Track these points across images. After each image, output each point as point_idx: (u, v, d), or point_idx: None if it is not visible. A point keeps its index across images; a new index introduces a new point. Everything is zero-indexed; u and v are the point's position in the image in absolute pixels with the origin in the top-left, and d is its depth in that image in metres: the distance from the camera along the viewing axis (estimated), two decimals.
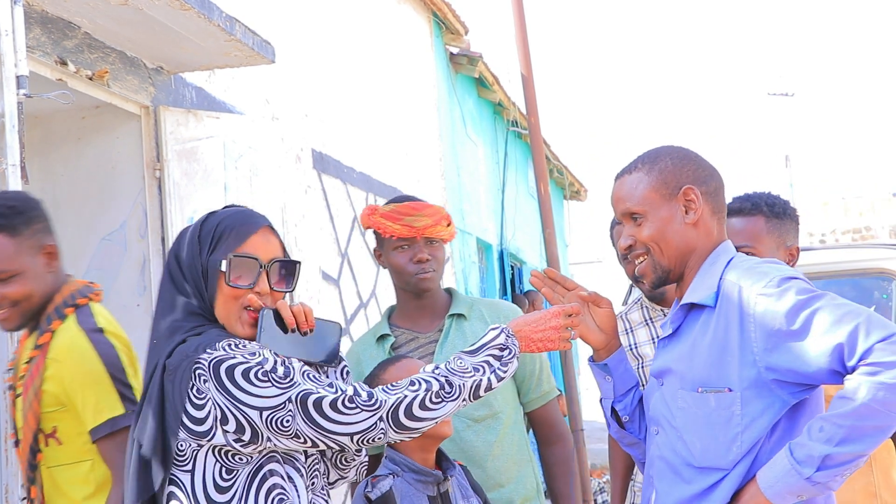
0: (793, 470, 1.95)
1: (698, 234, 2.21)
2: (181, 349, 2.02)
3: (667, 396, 2.21)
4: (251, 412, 1.94)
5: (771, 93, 27.68)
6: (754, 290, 2.07)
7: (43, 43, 3.87)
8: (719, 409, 2.08)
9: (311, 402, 1.94)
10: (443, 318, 2.98)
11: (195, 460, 2.01)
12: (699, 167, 2.25)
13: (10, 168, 3.37)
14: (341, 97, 6.90)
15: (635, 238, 2.24)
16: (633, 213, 2.24)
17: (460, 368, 2.06)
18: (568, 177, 14.79)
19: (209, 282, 2.10)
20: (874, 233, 23.92)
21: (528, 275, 12.44)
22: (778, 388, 2.04)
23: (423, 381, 2.02)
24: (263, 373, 1.95)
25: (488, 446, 2.88)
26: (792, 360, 2.00)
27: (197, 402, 1.97)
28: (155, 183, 4.59)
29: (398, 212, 2.91)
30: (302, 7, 6.36)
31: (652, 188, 2.22)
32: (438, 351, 2.92)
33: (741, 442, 2.06)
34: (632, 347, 3.51)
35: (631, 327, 3.54)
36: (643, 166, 2.25)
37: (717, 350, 2.11)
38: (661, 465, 2.21)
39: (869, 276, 4.94)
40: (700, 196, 2.21)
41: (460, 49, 9.89)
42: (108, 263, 4.63)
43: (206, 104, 4.99)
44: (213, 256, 2.10)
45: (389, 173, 7.80)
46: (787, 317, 2.00)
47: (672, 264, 2.22)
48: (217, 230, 2.13)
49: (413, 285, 2.93)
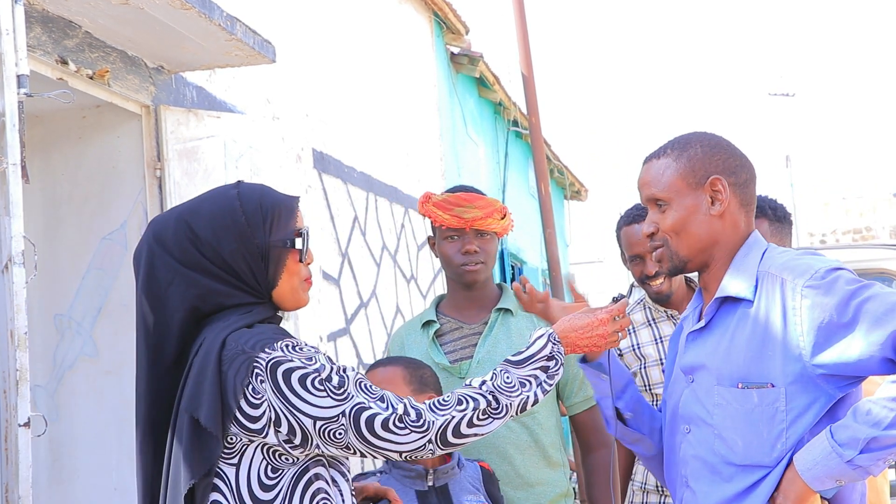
0: (833, 453, 1.91)
1: (724, 226, 2.16)
2: (236, 339, 1.95)
3: (700, 393, 2.15)
4: (305, 420, 1.92)
5: (772, 93, 27.68)
6: (799, 282, 2.02)
7: (43, 42, 3.87)
8: (762, 405, 2.03)
9: (363, 420, 1.92)
10: (490, 311, 2.96)
11: (242, 454, 1.97)
12: (730, 157, 2.19)
13: (10, 167, 3.37)
14: (342, 97, 6.90)
15: (657, 225, 2.19)
16: (658, 199, 2.19)
17: (507, 385, 2.02)
18: (568, 177, 14.79)
19: (273, 263, 2.05)
20: (875, 233, 23.92)
21: (529, 275, 12.46)
22: (824, 383, 2.00)
23: (471, 398, 2.00)
24: (320, 381, 1.93)
25: (520, 444, 2.87)
26: (843, 352, 1.95)
27: (253, 401, 1.93)
28: (155, 182, 4.59)
29: (449, 202, 2.89)
30: (303, 7, 6.36)
31: (679, 175, 2.17)
32: (481, 344, 2.91)
33: (786, 438, 2.02)
34: (634, 348, 3.52)
35: (633, 328, 3.54)
36: (672, 152, 2.20)
37: (757, 344, 2.06)
38: (696, 464, 2.15)
39: (869, 276, 4.95)
40: (728, 187, 2.15)
41: (461, 49, 9.89)
42: (109, 263, 4.63)
43: (206, 104, 4.99)
44: (274, 237, 2.04)
45: (390, 173, 7.80)
46: (837, 308, 1.96)
47: (691, 255, 2.17)
48: (264, 210, 2.06)
49: (460, 276, 2.92)
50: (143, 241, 2.09)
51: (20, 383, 3.32)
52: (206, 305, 2.02)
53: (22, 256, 3.37)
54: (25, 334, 3.37)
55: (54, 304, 4.66)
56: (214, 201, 2.08)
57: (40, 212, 4.65)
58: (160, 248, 2.04)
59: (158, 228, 2.08)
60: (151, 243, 2.06)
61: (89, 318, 4.64)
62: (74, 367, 4.64)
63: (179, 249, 2.03)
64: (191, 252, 2.02)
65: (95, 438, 4.60)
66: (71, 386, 4.64)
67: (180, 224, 2.05)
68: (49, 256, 4.56)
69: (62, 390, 4.65)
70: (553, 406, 2.97)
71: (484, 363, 2.89)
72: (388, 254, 7.65)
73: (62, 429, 4.61)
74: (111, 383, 4.59)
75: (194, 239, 2.03)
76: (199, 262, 2.02)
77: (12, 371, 3.32)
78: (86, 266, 4.65)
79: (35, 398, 4.27)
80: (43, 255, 4.26)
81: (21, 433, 3.31)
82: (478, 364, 2.89)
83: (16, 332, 3.34)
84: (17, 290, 3.35)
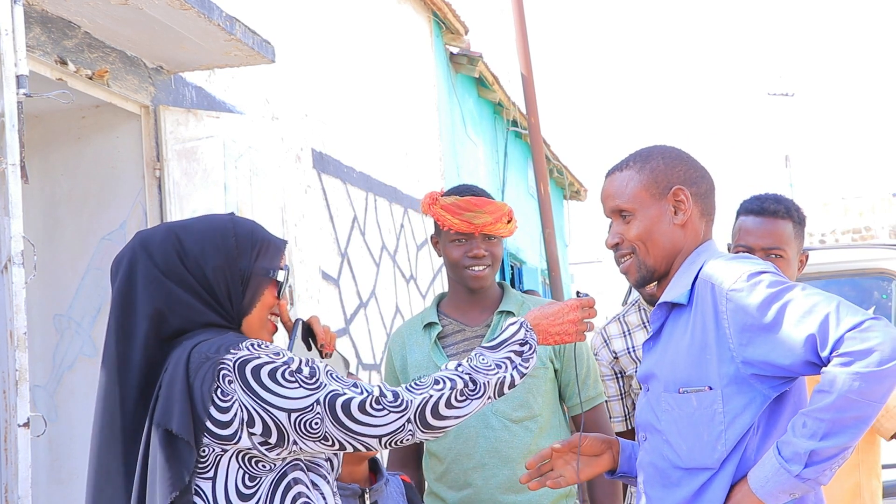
0: (781, 468, 1.95)
1: (685, 235, 2.21)
2: (200, 349, 1.96)
3: (652, 401, 2.20)
4: (279, 413, 1.91)
5: (771, 93, 27.69)
6: (725, 286, 2.06)
7: (43, 42, 3.87)
8: (701, 408, 2.08)
9: (339, 404, 1.92)
10: (492, 312, 2.94)
11: (217, 466, 1.96)
12: (690, 168, 2.24)
13: (9, 167, 3.37)
14: (341, 97, 6.90)
15: (623, 236, 2.24)
16: (623, 210, 2.23)
17: (483, 365, 2.04)
18: (568, 176, 14.79)
19: (251, 289, 2.07)
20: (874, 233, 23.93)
21: (528, 274, 12.46)
22: (757, 383, 2.04)
23: (448, 379, 2.00)
24: (290, 372, 1.92)
25: (523, 448, 2.85)
26: (767, 354, 1.99)
27: (221, 405, 1.92)
28: (155, 182, 4.59)
29: (459, 206, 2.86)
30: (302, 7, 6.36)
31: (642, 186, 2.21)
32: None
33: (725, 439, 2.05)
34: (629, 350, 3.50)
35: (629, 329, 3.53)
36: (634, 164, 2.25)
37: (697, 349, 2.10)
38: (650, 470, 2.20)
39: (869, 276, 4.95)
40: (690, 197, 2.20)
41: (460, 49, 9.89)
42: (108, 263, 4.61)
43: (206, 104, 4.99)
44: (259, 265, 2.07)
45: (389, 173, 7.80)
46: (758, 310, 2.00)
47: (657, 264, 2.22)
48: (254, 239, 2.09)
49: (466, 280, 2.90)
50: (126, 248, 2.11)
51: (20, 383, 3.32)
52: (174, 317, 2.02)
53: (21, 256, 3.37)
54: (25, 334, 3.37)
55: (54, 304, 4.66)
56: (208, 221, 2.12)
57: (40, 212, 4.65)
58: (144, 254, 2.07)
59: (146, 236, 2.11)
60: (136, 249, 2.08)
61: (88, 318, 4.64)
62: (74, 367, 4.64)
63: (163, 258, 2.05)
64: (173, 262, 2.04)
65: None
66: (70, 386, 4.64)
67: (169, 235, 2.08)
68: (48, 256, 4.56)
69: (61, 390, 4.65)
70: (555, 407, 2.96)
71: None
72: (388, 254, 7.65)
73: (61, 429, 4.60)
74: None
75: (180, 250, 2.05)
76: (179, 273, 2.03)
77: (12, 371, 3.32)
78: (85, 266, 4.65)
79: (34, 398, 4.27)
80: (42, 255, 4.26)
81: (21, 433, 3.31)
82: None
83: (15, 333, 3.34)
84: (16, 290, 3.35)
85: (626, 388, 3.51)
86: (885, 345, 1.86)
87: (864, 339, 1.87)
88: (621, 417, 3.47)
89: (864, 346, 1.87)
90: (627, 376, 3.51)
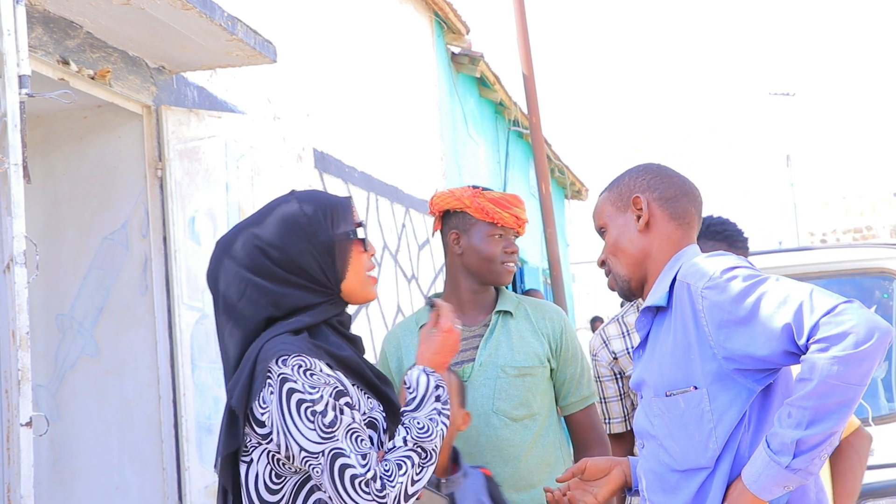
0: (771, 461, 1.96)
1: (652, 240, 2.26)
2: (269, 346, 2.04)
3: (645, 408, 2.23)
4: (293, 445, 1.98)
5: (772, 92, 27.69)
6: (700, 285, 2.09)
7: (45, 42, 3.87)
8: (689, 408, 2.10)
9: (337, 466, 1.96)
10: (489, 313, 2.97)
11: (252, 455, 2.06)
12: (655, 176, 2.30)
13: (12, 167, 3.38)
14: (343, 97, 6.91)
15: (605, 252, 2.34)
16: (600, 227, 2.35)
17: (423, 432, 2.08)
18: (569, 176, 14.80)
19: (339, 256, 2.14)
20: (875, 232, 23.93)
21: (529, 274, 12.46)
22: (741, 377, 2.05)
23: (406, 458, 2.04)
24: (313, 412, 1.98)
25: (524, 446, 2.87)
26: (745, 347, 2.01)
27: (262, 409, 2.01)
28: (157, 182, 4.59)
29: (508, 200, 2.94)
30: (304, 7, 6.37)
31: (608, 202, 2.33)
32: (482, 347, 2.91)
33: (716, 437, 2.07)
34: (628, 351, 3.51)
35: (627, 331, 3.53)
36: (610, 186, 2.37)
37: (680, 351, 2.12)
38: (650, 476, 2.22)
39: (870, 275, 4.95)
40: (648, 201, 2.26)
41: (461, 49, 9.90)
42: (110, 263, 4.64)
43: (207, 104, 5.00)
44: (337, 231, 2.15)
45: (391, 173, 7.80)
46: (733, 304, 2.02)
47: (629, 272, 2.28)
48: (323, 209, 2.16)
49: (499, 274, 2.94)
50: (212, 260, 2.18)
51: (22, 383, 3.32)
52: (281, 311, 2.11)
53: (23, 256, 3.38)
54: (27, 334, 3.37)
55: (56, 303, 4.67)
56: (276, 210, 2.18)
57: (42, 212, 4.65)
58: (230, 261, 2.14)
59: (226, 243, 2.18)
60: (221, 258, 2.16)
61: (90, 318, 4.65)
62: (76, 366, 4.65)
63: (249, 258, 2.12)
64: (259, 259, 2.11)
65: (97, 438, 4.61)
66: (72, 386, 4.65)
67: (247, 235, 2.15)
68: (50, 256, 4.57)
69: (64, 390, 4.65)
70: (552, 405, 2.97)
71: (486, 366, 2.88)
72: (389, 253, 7.65)
73: (64, 428, 4.61)
74: (112, 383, 4.60)
75: (262, 246, 2.12)
76: (268, 268, 2.11)
77: (14, 371, 3.33)
78: (87, 266, 4.65)
79: (37, 398, 4.28)
80: (44, 255, 4.27)
81: (23, 433, 3.31)
82: (480, 366, 2.88)
83: (17, 332, 3.34)
84: (18, 290, 3.35)
85: (626, 389, 3.52)
86: (859, 326, 1.88)
87: (839, 322, 1.89)
88: (620, 418, 3.47)
89: (839, 330, 1.88)
90: (626, 377, 3.52)
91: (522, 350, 2.91)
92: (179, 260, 4.54)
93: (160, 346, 4.53)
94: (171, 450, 4.50)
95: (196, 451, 4.48)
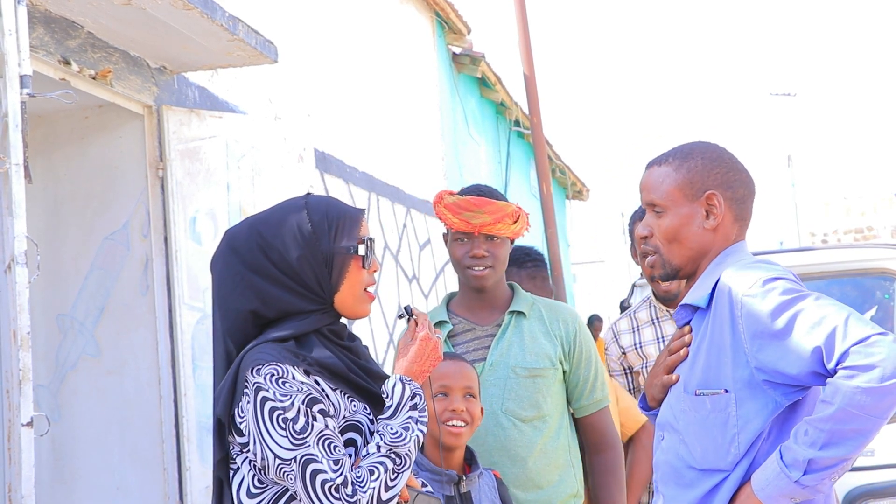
0: (782, 473, 1.97)
1: (715, 239, 2.21)
2: (251, 354, 2.05)
3: (672, 401, 2.22)
4: (268, 452, 2.00)
5: (773, 92, 27.68)
6: (740, 290, 2.08)
7: (46, 42, 3.88)
8: (715, 410, 2.10)
9: (309, 472, 1.98)
10: (502, 313, 2.95)
11: (238, 461, 2.08)
12: (729, 171, 2.24)
13: (13, 167, 3.38)
14: (344, 97, 6.91)
15: (652, 230, 2.25)
16: (655, 205, 2.24)
17: (396, 437, 2.08)
18: (570, 176, 14.80)
19: (337, 269, 2.13)
20: (876, 233, 23.92)
21: None
22: (770, 389, 2.05)
23: (378, 465, 2.04)
24: (284, 419, 1.99)
25: (532, 447, 2.86)
26: (776, 361, 2.01)
27: (240, 418, 2.03)
28: (158, 182, 4.60)
29: (459, 205, 2.88)
30: (305, 7, 6.37)
31: (677, 186, 2.22)
32: (494, 346, 2.90)
33: (738, 443, 2.07)
34: (637, 346, 3.52)
35: (637, 325, 3.55)
36: (674, 161, 2.25)
37: (715, 352, 2.12)
38: (666, 469, 2.21)
39: (870, 275, 4.95)
40: (723, 202, 2.20)
41: (463, 49, 9.90)
42: (111, 263, 4.64)
43: (208, 104, 5.00)
44: (338, 244, 2.14)
45: (392, 173, 7.80)
46: (770, 317, 2.01)
47: (682, 263, 2.23)
48: (329, 219, 2.15)
49: (467, 279, 2.92)
50: (218, 250, 2.20)
51: (23, 383, 3.33)
52: (269, 310, 2.12)
53: (24, 256, 3.38)
54: (28, 334, 3.37)
55: (57, 303, 4.67)
56: (284, 210, 2.18)
57: (43, 212, 4.65)
58: (232, 254, 2.15)
59: (232, 235, 2.19)
60: (225, 250, 2.17)
61: (91, 318, 4.65)
62: (77, 366, 4.65)
63: (249, 254, 2.13)
64: (258, 257, 2.12)
65: (98, 438, 4.61)
66: (73, 386, 4.65)
67: (252, 231, 2.16)
68: (51, 256, 4.57)
69: (64, 390, 4.66)
70: (563, 407, 2.96)
71: (497, 366, 2.88)
72: (390, 253, 7.66)
73: (64, 428, 4.62)
74: (113, 383, 4.60)
75: (263, 244, 2.13)
76: (265, 267, 2.11)
77: (15, 371, 3.33)
78: (88, 266, 4.66)
79: (38, 398, 4.28)
80: (45, 255, 4.27)
81: (24, 433, 3.32)
82: (491, 366, 2.88)
83: (18, 332, 3.34)
84: (19, 290, 3.35)
85: (636, 383, 3.53)
86: (887, 361, 1.87)
87: (869, 353, 1.89)
88: None
89: (867, 362, 1.88)
90: (635, 372, 3.53)
91: (534, 351, 2.89)
92: (180, 260, 4.54)
93: (161, 346, 4.54)
94: (172, 450, 4.51)
95: (197, 450, 4.48)
